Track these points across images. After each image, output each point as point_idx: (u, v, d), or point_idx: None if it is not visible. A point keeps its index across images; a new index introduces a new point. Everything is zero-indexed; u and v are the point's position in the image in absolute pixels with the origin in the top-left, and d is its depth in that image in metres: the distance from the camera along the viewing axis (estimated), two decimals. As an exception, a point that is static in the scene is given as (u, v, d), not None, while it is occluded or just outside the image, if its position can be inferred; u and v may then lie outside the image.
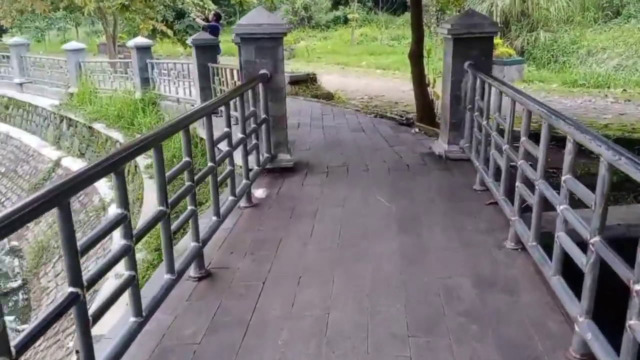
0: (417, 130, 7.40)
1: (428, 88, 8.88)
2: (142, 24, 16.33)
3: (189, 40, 9.45)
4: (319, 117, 8.77)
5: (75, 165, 11.98)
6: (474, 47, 5.13)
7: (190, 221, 3.12)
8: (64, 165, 12.01)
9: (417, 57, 8.69)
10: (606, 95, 11.88)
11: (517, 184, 3.40)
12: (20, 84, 14.73)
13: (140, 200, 8.30)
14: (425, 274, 3.17)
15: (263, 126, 4.93)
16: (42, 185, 12.19)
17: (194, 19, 13.11)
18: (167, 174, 2.77)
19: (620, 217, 4.38)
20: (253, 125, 4.58)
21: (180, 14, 21.34)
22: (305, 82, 11.72)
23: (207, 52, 9.08)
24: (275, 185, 4.85)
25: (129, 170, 10.23)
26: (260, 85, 4.85)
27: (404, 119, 8.04)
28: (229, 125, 3.82)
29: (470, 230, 3.78)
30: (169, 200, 2.75)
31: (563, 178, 2.60)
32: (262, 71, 4.95)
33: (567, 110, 10.47)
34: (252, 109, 4.60)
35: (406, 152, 5.89)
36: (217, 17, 12.45)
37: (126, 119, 11.17)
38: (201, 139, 9.64)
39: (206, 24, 12.51)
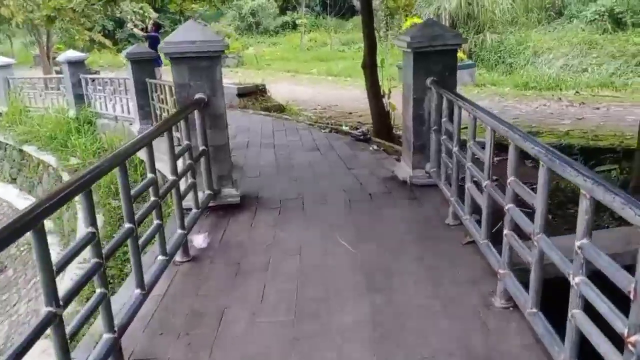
0: (375, 147, 6.79)
1: (383, 99, 8.32)
2: (77, 35, 15.20)
3: (123, 53, 8.54)
4: (270, 134, 8.05)
5: (5, 191, 10.83)
6: (436, 61, 4.54)
7: (100, 307, 2.36)
8: (-7, 193, 10.84)
9: (370, 67, 8.11)
10: (560, 98, 11.66)
11: (506, 231, 2.80)
12: None
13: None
14: (404, 354, 2.52)
15: (202, 159, 4.18)
16: (-32, 215, 10.97)
17: (131, 29, 12.09)
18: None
19: (605, 246, 3.88)
20: (188, 161, 3.83)
21: (121, 23, 20.17)
22: (255, 94, 10.98)
23: (145, 66, 8.21)
24: (219, 228, 4.10)
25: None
26: (196, 112, 4.11)
27: (360, 134, 7.42)
28: (153, 171, 3.06)
29: (449, 282, 3.16)
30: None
31: (577, 244, 2.01)
32: (198, 95, 4.21)
33: (524, 116, 10.15)
34: (185, 142, 3.85)
35: (367, 177, 5.25)
36: (157, 27, 11.54)
37: (59, 140, 10.13)
38: (141, 160, 8.79)
39: (144, 34, 11.58)
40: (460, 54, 15.03)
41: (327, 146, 6.98)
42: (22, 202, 10.12)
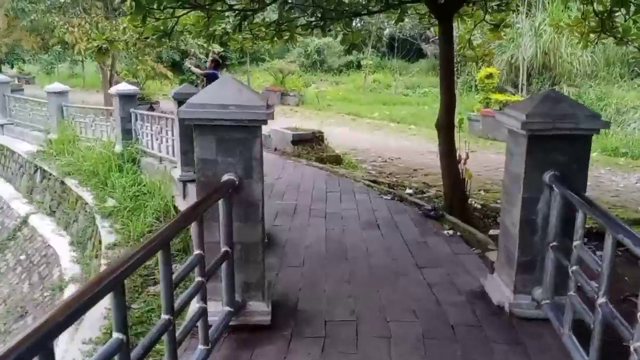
0: (450, 231, 5.37)
1: (459, 164, 6.91)
2: (140, 65, 14.72)
3: (171, 93, 7.61)
4: (323, 195, 6.79)
5: (42, 224, 10.05)
6: (561, 150, 3.15)
7: None
8: (31, 225, 10.10)
9: (446, 127, 6.73)
10: (660, 171, 9.85)
11: None
12: (1, 126, 13.00)
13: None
14: None
15: (224, 264, 2.94)
16: (4, 246, 10.28)
17: (189, 67, 11.29)
18: None
19: None
20: (198, 279, 2.59)
21: (187, 54, 19.79)
22: (311, 142, 9.81)
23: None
24: (237, 367, 2.83)
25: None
26: (221, 200, 2.88)
27: (431, 209, 6.03)
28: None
29: None
30: None
31: None
32: (227, 176, 3.00)
33: (626, 194, 8.44)
34: (195, 252, 2.61)
35: (445, 289, 3.83)
36: (216, 63, 10.67)
37: (101, 177, 9.29)
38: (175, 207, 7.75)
39: (202, 72, 10.73)
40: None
41: (389, 222, 5.62)
42: (56, 239, 9.31)
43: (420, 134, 13.99)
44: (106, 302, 2.46)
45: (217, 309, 2.96)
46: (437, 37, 22.04)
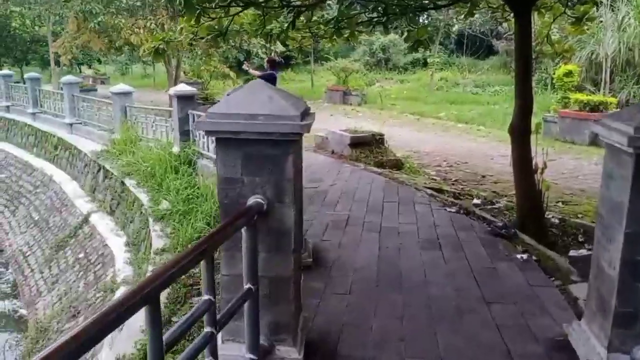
0: (524, 255, 4.62)
1: (535, 174, 6.09)
2: (203, 65, 14.66)
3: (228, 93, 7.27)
4: (379, 205, 6.19)
5: (102, 223, 10.07)
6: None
7: None
8: (92, 223, 10.16)
9: (521, 133, 5.94)
10: None
11: None
12: (70, 125, 13.30)
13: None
14: None
15: (246, 304, 2.44)
16: (66, 243, 10.42)
17: (246, 69, 10.96)
18: None
19: None
20: (207, 330, 2.09)
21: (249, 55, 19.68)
22: (370, 145, 9.19)
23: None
24: None
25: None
26: (244, 229, 2.38)
27: (502, 227, 5.29)
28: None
29: None
30: None
31: None
32: (254, 199, 2.50)
33: None
34: (205, 297, 2.11)
35: (519, 335, 3.14)
36: (273, 64, 10.26)
37: (157, 178, 9.15)
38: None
39: (259, 73, 10.36)
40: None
41: (453, 240, 4.94)
42: (114, 239, 9.27)
43: (490, 135, 13.00)
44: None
45: (237, 353, 2.47)
46: (510, 33, 20.68)
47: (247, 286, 2.43)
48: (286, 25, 7.51)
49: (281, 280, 2.61)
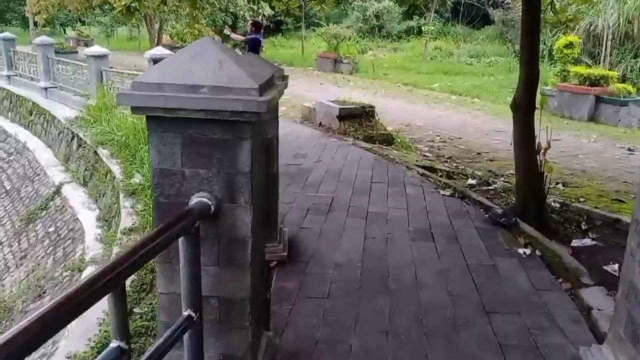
0: (526, 249, 4.07)
1: (537, 155, 5.50)
2: (187, 28, 13.76)
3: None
4: (367, 186, 5.59)
5: (74, 195, 9.41)
6: None
7: None
8: (64, 195, 9.50)
9: (524, 109, 5.30)
10: None
11: None
12: (45, 89, 12.45)
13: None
14: None
15: (186, 334, 1.84)
16: (36, 216, 9.77)
17: (228, 33, 10.14)
18: None
19: None
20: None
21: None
22: (360, 118, 8.53)
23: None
24: None
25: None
26: (181, 239, 1.77)
27: (501, 214, 4.72)
28: None
29: None
30: None
31: None
32: (198, 198, 1.88)
33: None
34: (113, 343, 1.51)
35: (526, 356, 2.61)
36: (257, 26, 9.46)
37: (131, 149, 8.46)
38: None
39: (242, 37, 9.57)
40: (627, 87, 11.43)
41: (447, 230, 4.37)
42: (85, 212, 8.63)
43: (485, 109, 12.37)
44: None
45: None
46: (506, 2, 19.61)
47: (186, 313, 1.83)
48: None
49: (234, 302, 2.01)
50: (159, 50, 8.83)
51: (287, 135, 8.13)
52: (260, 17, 14.93)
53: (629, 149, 8.84)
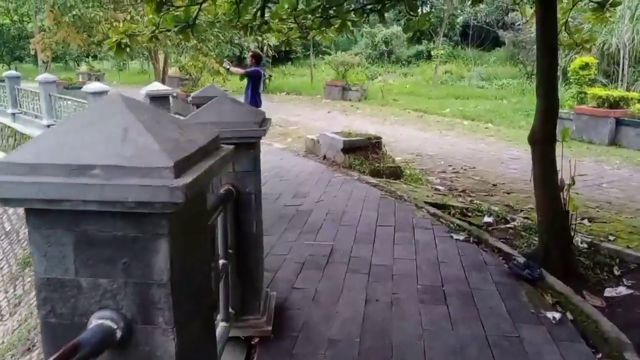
0: (555, 313, 3.41)
1: (561, 192, 4.85)
2: (190, 61, 13.46)
3: (190, 98, 6.10)
4: (371, 230, 4.98)
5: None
6: None
7: None
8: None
9: (544, 142, 4.69)
10: None
11: None
12: (48, 126, 12.21)
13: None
14: None
15: None
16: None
17: (227, 67, 9.73)
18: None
19: None
20: None
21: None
22: (366, 150, 7.97)
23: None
24: None
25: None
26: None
27: (523, 265, 4.06)
28: None
29: None
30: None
31: None
32: (99, 320, 1.31)
33: None
34: None
35: None
36: (257, 59, 9.03)
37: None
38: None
39: (242, 71, 9.14)
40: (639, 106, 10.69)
41: (463, 288, 3.73)
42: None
43: (499, 134, 11.73)
44: None
45: None
46: (519, 23, 19.05)
47: None
48: (267, 15, 6.30)
49: None
50: (155, 86, 8.42)
51: (289, 171, 7.60)
52: (265, 48, 14.60)
53: (657, 176, 8.12)
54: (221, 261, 2.74)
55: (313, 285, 3.79)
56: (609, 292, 4.34)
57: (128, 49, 7.13)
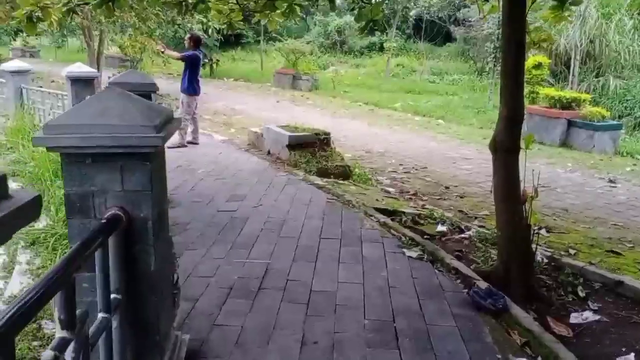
0: (524, 358, 2.85)
1: (523, 205, 4.33)
2: (127, 40, 12.26)
3: (106, 84, 5.17)
4: (314, 244, 4.30)
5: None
6: None
7: None
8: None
9: (507, 152, 4.14)
10: None
11: None
12: None
13: None
14: None
15: None
16: None
17: (161, 51, 8.76)
18: None
19: None
20: None
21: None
22: (313, 147, 7.27)
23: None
24: None
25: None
26: None
27: (485, 293, 3.50)
28: None
29: None
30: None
31: None
32: None
33: None
34: None
35: None
36: (196, 42, 8.13)
37: (44, 184, 6.95)
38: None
39: (179, 55, 8.22)
40: (601, 110, 10.55)
41: (418, 325, 3.10)
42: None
43: (450, 132, 11.32)
44: None
45: None
46: (470, 20, 18.70)
47: None
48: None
49: None
50: (77, 68, 7.35)
51: (227, 168, 6.80)
52: (211, 30, 13.57)
53: (610, 180, 7.88)
54: (100, 315, 1.96)
55: (239, 320, 3.07)
56: (575, 317, 3.87)
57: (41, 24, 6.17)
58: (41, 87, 13.15)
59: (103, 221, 1.99)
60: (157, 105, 2.28)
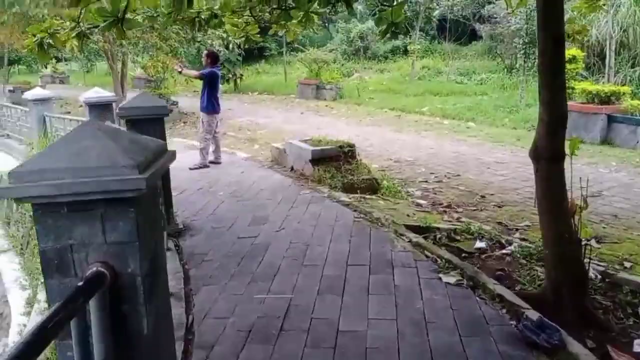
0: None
1: (572, 219, 3.84)
2: (149, 61, 12.21)
3: (116, 110, 4.96)
4: (340, 275, 3.91)
5: (8, 268, 7.71)
6: None
7: None
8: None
9: (549, 160, 3.68)
10: None
11: None
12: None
13: None
14: None
15: None
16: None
17: (179, 70, 8.58)
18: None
19: None
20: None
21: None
22: (337, 160, 6.90)
23: (146, 125, 4.51)
24: None
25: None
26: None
27: (536, 325, 3.05)
28: None
29: None
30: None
31: None
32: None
33: None
34: None
35: None
36: (214, 59, 7.91)
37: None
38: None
39: (196, 73, 8.02)
40: (637, 103, 9.83)
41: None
42: (17, 293, 6.89)
43: (482, 135, 10.76)
44: None
45: None
46: (496, 16, 17.95)
47: None
48: (217, 7, 5.20)
49: None
50: (94, 93, 7.22)
51: (249, 188, 6.51)
52: (232, 45, 13.42)
53: (661, 180, 7.22)
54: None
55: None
56: (638, 345, 3.38)
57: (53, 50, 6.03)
58: (69, 112, 13.25)
59: (79, 283, 1.67)
60: (143, 138, 1.95)
